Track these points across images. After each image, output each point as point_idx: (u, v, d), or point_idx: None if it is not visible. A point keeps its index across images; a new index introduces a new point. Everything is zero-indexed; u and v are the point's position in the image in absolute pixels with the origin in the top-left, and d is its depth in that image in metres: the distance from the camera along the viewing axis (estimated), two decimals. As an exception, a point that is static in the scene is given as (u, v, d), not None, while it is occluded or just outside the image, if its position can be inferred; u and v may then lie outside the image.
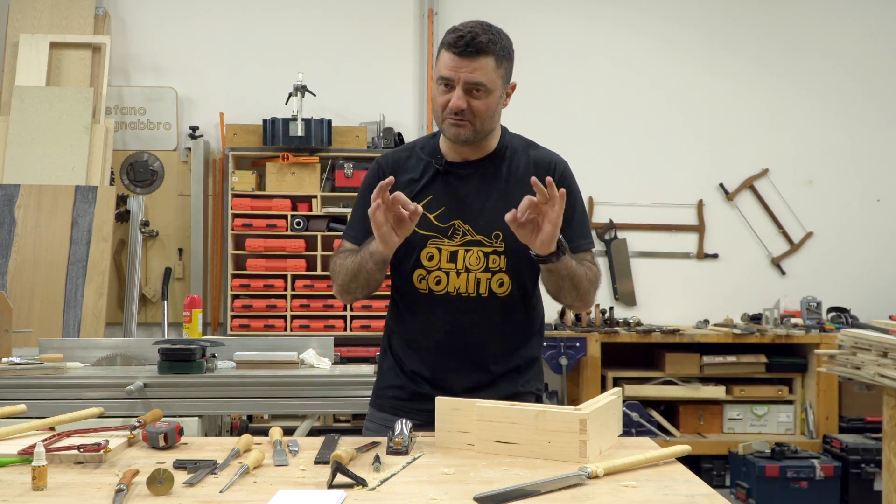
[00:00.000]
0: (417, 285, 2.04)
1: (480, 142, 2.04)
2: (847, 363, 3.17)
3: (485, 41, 1.94)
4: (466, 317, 2.03)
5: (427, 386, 2.07)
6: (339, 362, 3.29)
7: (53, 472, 1.56)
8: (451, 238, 2.03)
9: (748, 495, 4.57)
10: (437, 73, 1.99)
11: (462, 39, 1.93)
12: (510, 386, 2.08)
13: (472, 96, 1.95)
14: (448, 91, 1.95)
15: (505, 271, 2.02)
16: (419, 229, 2.00)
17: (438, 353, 2.06)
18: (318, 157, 5.07)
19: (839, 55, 5.65)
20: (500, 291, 2.03)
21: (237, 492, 1.47)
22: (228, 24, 5.40)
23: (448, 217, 2.03)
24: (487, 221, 2.02)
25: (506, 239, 2.00)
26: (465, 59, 1.92)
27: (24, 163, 4.79)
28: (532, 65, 5.45)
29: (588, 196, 5.51)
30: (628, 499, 1.44)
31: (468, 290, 2.02)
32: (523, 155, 2.09)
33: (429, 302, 2.04)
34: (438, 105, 1.98)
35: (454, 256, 2.02)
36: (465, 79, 1.93)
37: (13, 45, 5.10)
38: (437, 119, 2.02)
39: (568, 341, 4.90)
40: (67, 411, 2.03)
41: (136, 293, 5.02)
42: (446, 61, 1.94)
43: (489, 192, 2.04)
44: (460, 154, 2.06)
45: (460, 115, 1.95)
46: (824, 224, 5.61)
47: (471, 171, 2.06)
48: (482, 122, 1.98)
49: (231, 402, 2.90)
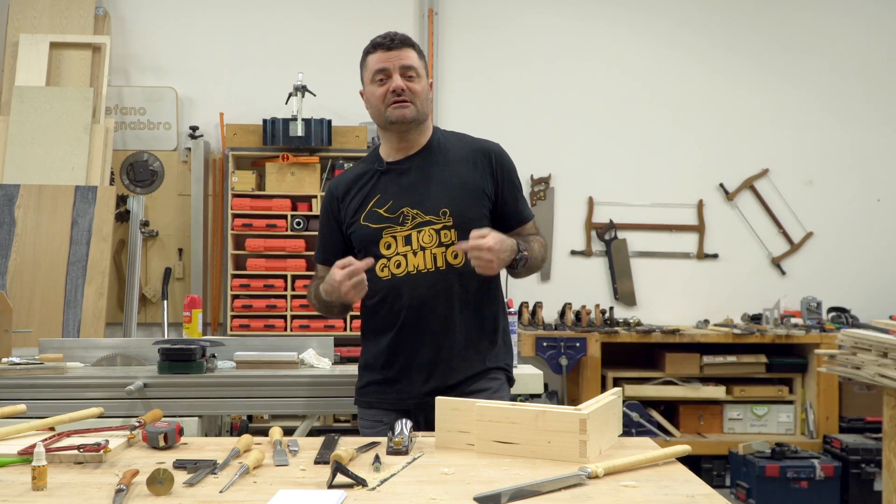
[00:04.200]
0: (380, 273, 2.20)
1: (416, 135, 2.22)
2: (847, 363, 3.17)
3: (405, 37, 2.20)
4: (429, 290, 2.17)
5: (396, 367, 2.22)
6: (339, 362, 3.28)
7: (53, 472, 1.56)
8: (402, 224, 2.19)
9: (748, 495, 4.57)
10: (369, 73, 2.20)
11: (387, 37, 2.19)
12: (477, 358, 2.21)
13: (408, 80, 2.17)
14: (385, 82, 2.17)
15: (457, 243, 2.15)
16: (372, 224, 2.21)
17: (406, 329, 2.19)
18: (318, 157, 5.07)
19: (839, 55, 5.65)
20: (456, 262, 2.18)
21: (237, 492, 1.47)
22: (228, 24, 5.40)
23: (396, 207, 2.20)
24: (433, 202, 2.19)
25: (453, 214, 2.18)
26: (394, 51, 2.17)
27: (24, 163, 4.79)
28: (531, 65, 5.45)
29: (588, 196, 5.52)
30: (628, 499, 1.44)
31: (426, 265, 2.18)
32: (457, 142, 2.30)
33: (392, 285, 2.20)
34: (378, 97, 2.18)
35: (409, 239, 2.19)
36: (398, 65, 2.17)
37: (13, 45, 5.10)
38: (378, 114, 2.21)
39: (568, 341, 4.90)
40: (67, 411, 2.03)
41: (136, 293, 5.02)
42: (378, 58, 2.18)
43: (430, 177, 2.22)
44: (398, 151, 2.25)
45: (403, 96, 2.15)
46: (824, 224, 5.61)
47: (409, 164, 2.24)
48: (421, 103, 2.19)
49: (231, 402, 2.90)
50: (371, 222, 2.21)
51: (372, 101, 2.21)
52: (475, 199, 2.20)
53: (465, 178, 2.21)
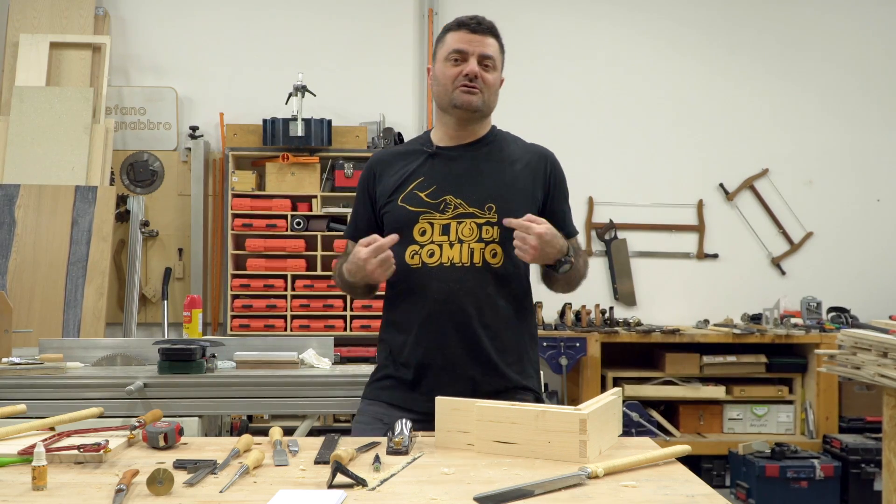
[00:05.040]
0: (410, 261, 2.05)
1: (475, 125, 2.12)
2: (847, 363, 3.17)
3: (492, 25, 2.10)
4: (460, 285, 2.03)
5: (417, 368, 2.06)
6: (339, 362, 3.28)
7: (53, 472, 1.56)
8: (442, 212, 2.06)
9: (748, 495, 4.57)
10: (445, 50, 2.08)
11: (474, 19, 2.08)
12: (505, 371, 2.06)
13: (483, 68, 2.06)
14: (459, 63, 2.06)
15: (498, 242, 2.05)
16: (410, 206, 2.07)
17: (429, 325, 2.04)
18: (318, 157, 5.07)
19: (839, 55, 5.65)
20: (494, 262, 2.05)
21: (237, 492, 1.47)
22: (228, 25, 5.40)
23: (439, 193, 2.07)
24: (479, 195, 2.06)
25: (499, 210, 2.04)
26: (477, 35, 2.06)
27: (24, 163, 4.79)
28: (532, 65, 5.45)
29: (588, 196, 5.51)
30: (628, 499, 1.44)
31: (462, 259, 2.03)
32: (512, 143, 2.18)
33: (421, 275, 2.05)
34: (448, 77, 2.06)
35: (446, 229, 2.05)
36: (479, 52, 2.06)
37: (13, 45, 5.10)
38: (443, 94, 2.08)
39: (568, 341, 4.90)
40: (67, 411, 2.02)
41: (136, 293, 5.02)
42: (459, 37, 2.07)
43: (480, 169, 2.10)
44: (452, 138, 2.13)
45: (474, 82, 2.04)
46: (824, 224, 5.61)
47: (461, 153, 2.13)
48: (490, 95, 2.08)
49: (231, 402, 2.90)
50: (409, 204, 2.06)
51: (441, 79, 2.08)
52: (524, 200, 2.07)
53: (517, 178, 2.10)
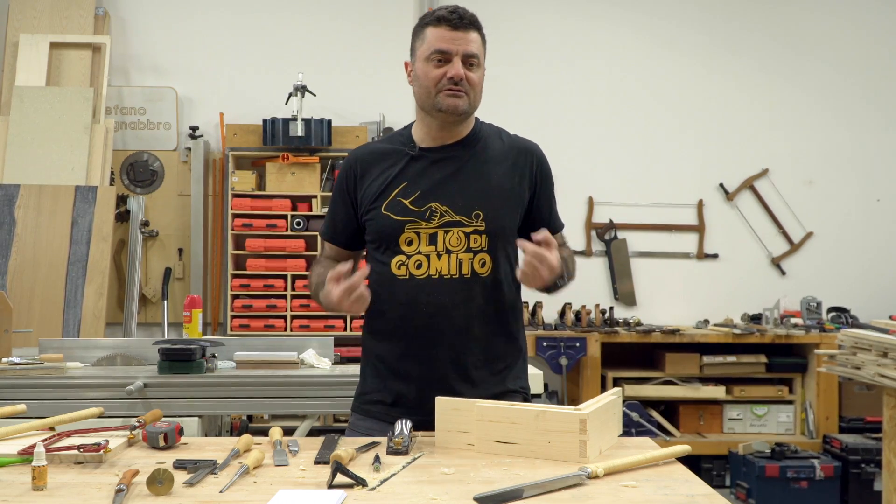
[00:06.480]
0: (397, 272, 1.97)
1: (458, 124, 2.01)
2: (847, 363, 3.17)
3: (473, 17, 1.98)
4: (449, 299, 1.96)
5: (406, 381, 1.99)
6: (339, 362, 3.28)
7: (53, 472, 1.56)
8: (428, 221, 1.96)
9: (748, 495, 4.57)
10: (426, 48, 1.95)
11: (455, 13, 1.94)
12: (496, 379, 2.02)
13: (468, 68, 1.95)
14: (443, 64, 1.94)
15: (486, 251, 1.97)
16: (394, 215, 1.96)
17: (420, 339, 1.98)
18: (318, 157, 5.07)
19: (839, 56, 5.65)
20: (483, 272, 1.97)
21: (237, 492, 1.47)
22: (228, 25, 5.40)
23: (424, 200, 1.97)
24: (465, 201, 1.96)
25: (486, 219, 1.96)
26: (460, 32, 1.94)
27: (24, 163, 4.79)
28: (532, 65, 5.45)
29: (588, 196, 5.52)
30: (628, 499, 1.44)
31: (450, 271, 1.95)
32: (497, 139, 2.07)
33: (410, 287, 1.96)
34: (431, 80, 1.94)
35: (433, 239, 1.96)
36: (462, 50, 1.94)
37: (13, 45, 5.10)
38: (426, 96, 1.97)
39: (568, 341, 4.90)
40: (67, 411, 2.02)
41: (136, 293, 5.02)
42: (441, 35, 1.93)
43: (466, 173, 2.00)
44: (434, 139, 2.02)
45: (459, 85, 1.93)
46: (824, 224, 5.61)
47: (445, 154, 2.01)
48: (475, 95, 1.98)
49: (231, 402, 2.90)
50: (393, 213, 1.96)
51: (423, 80, 1.96)
52: (511, 204, 2.00)
53: (503, 179, 2.00)
